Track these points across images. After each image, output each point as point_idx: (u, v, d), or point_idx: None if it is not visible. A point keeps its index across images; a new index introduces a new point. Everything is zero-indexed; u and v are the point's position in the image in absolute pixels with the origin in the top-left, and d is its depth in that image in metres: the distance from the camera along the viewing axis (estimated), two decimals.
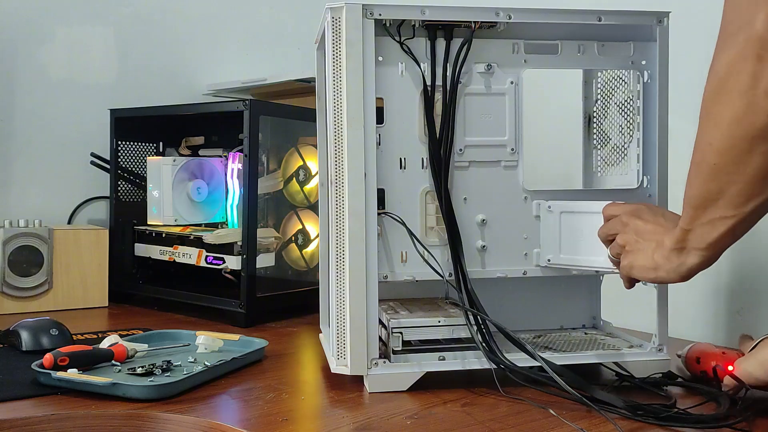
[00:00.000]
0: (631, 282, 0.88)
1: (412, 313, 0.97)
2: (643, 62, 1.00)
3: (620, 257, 0.87)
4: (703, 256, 0.76)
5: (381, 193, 0.94)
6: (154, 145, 1.64)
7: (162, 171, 1.49)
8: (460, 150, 0.97)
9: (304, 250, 1.49)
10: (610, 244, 0.89)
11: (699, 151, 0.71)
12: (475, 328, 0.92)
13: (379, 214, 0.93)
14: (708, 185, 0.70)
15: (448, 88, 0.95)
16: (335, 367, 0.93)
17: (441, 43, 0.95)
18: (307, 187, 1.47)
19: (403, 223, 0.95)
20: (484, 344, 0.91)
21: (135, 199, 1.59)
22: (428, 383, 0.91)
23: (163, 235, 1.48)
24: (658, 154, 0.99)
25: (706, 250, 0.75)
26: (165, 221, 1.49)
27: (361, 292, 0.90)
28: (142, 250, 1.52)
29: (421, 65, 0.95)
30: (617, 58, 1.01)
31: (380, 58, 0.94)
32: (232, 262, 1.35)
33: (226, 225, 1.52)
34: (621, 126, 1.06)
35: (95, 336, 1.18)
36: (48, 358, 0.91)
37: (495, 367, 0.90)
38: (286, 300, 1.42)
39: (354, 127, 0.90)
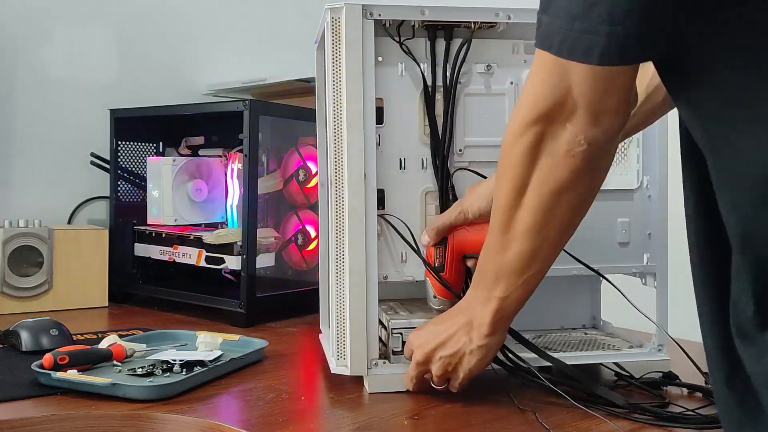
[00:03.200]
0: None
1: (411, 314, 0.97)
2: None
3: (451, 377, 0.86)
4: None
5: (381, 194, 0.94)
6: (154, 145, 1.64)
7: (162, 171, 1.49)
8: (460, 150, 0.97)
9: (304, 250, 1.49)
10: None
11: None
12: None
13: (379, 214, 0.93)
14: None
15: (448, 88, 0.95)
16: (335, 368, 0.93)
17: (441, 43, 0.95)
18: (307, 187, 1.47)
19: (405, 224, 0.94)
20: None
21: (135, 199, 1.59)
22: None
23: (163, 235, 1.48)
24: (658, 154, 0.99)
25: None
26: (165, 221, 1.49)
27: (361, 293, 0.90)
28: (142, 250, 1.52)
29: (421, 65, 0.95)
30: None
31: (380, 59, 0.94)
32: (232, 262, 1.35)
33: (226, 225, 1.52)
34: None
35: (95, 336, 1.18)
36: (48, 358, 0.91)
37: (498, 367, 0.90)
38: (286, 300, 1.42)
39: (354, 127, 0.90)
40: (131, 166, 1.60)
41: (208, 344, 1.06)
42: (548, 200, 0.72)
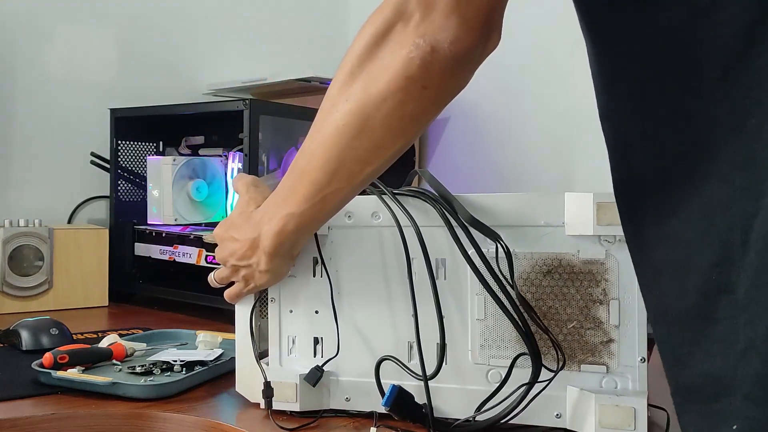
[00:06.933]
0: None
1: None
2: None
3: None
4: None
5: None
6: (154, 144, 1.64)
7: (162, 170, 1.49)
8: None
9: None
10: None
11: None
12: None
13: None
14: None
15: None
16: None
17: None
18: None
19: None
20: None
21: (135, 199, 1.59)
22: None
23: (163, 234, 1.48)
24: None
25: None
26: (165, 221, 1.49)
27: None
28: (142, 249, 1.52)
29: None
30: None
31: None
32: None
33: None
34: None
35: (95, 335, 1.18)
36: (47, 357, 0.91)
37: None
38: None
39: None
40: (131, 165, 1.60)
41: (208, 343, 1.06)
42: (371, 101, 0.64)
